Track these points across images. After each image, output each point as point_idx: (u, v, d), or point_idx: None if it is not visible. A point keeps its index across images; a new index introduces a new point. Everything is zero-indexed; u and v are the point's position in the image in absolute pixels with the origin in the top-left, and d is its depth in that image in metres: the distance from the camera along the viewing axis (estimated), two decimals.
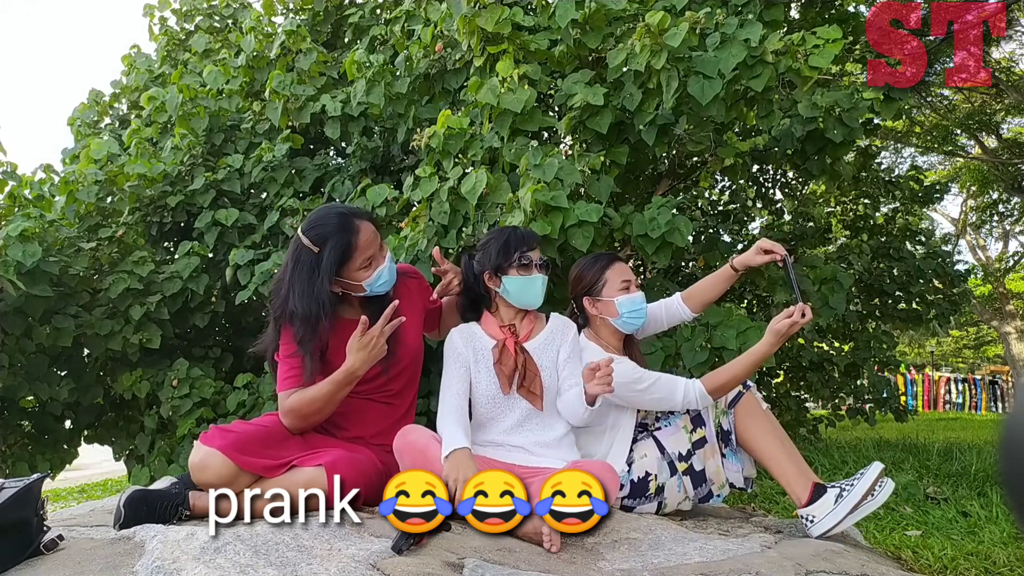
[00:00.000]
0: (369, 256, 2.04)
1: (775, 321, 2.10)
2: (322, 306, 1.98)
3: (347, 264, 2.02)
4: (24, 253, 4.10)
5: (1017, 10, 7.75)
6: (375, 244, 2.06)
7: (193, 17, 6.60)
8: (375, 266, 2.06)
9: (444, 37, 4.07)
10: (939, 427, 9.39)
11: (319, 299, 1.98)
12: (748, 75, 3.15)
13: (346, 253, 2.01)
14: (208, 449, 1.83)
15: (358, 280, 2.05)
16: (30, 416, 4.97)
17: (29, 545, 1.64)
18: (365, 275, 2.05)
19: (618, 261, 2.36)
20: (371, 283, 2.06)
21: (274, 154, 4.76)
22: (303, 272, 2.00)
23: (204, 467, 1.82)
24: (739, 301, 6.42)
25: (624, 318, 2.27)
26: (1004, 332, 14.74)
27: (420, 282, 2.31)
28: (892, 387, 6.75)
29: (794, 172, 6.07)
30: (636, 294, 2.28)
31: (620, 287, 2.27)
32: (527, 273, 2.14)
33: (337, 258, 1.99)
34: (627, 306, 2.26)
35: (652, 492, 2.20)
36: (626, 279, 2.28)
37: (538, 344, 2.17)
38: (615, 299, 2.27)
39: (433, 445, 1.90)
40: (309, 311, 1.98)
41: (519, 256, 2.14)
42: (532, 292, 2.15)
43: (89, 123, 6.30)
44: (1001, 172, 12.11)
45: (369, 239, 2.05)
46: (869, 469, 2.00)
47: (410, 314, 2.14)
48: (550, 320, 2.24)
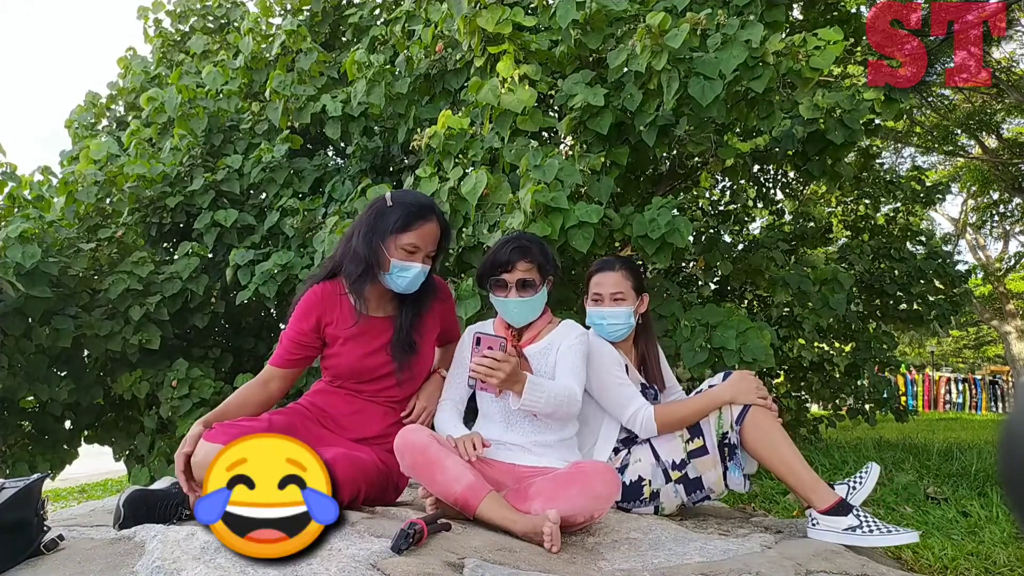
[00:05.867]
0: (418, 245, 2.07)
1: (749, 377, 2.15)
2: (374, 251, 2.05)
3: (401, 233, 2.06)
4: (23, 254, 4.10)
5: (1017, 10, 7.75)
6: (430, 243, 2.10)
7: (187, 18, 6.62)
8: (414, 259, 2.08)
9: (445, 37, 4.07)
10: (939, 427, 9.39)
11: (375, 243, 2.06)
12: (749, 76, 3.15)
13: (407, 222, 2.06)
14: (212, 445, 1.81)
15: (394, 256, 2.07)
16: (30, 416, 4.98)
17: (29, 545, 1.64)
18: (401, 257, 2.06)
19: (604, 272, 2.40)
20: (399, 267, 2.07)
21: (273, 155, 4.76)
22: (371, 216, 2.10)
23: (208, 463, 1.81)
24: (739, 301, 6.42)
25: (592, 327, 2.37)
26: (1004, 332, 14.73)
27: (445, 303, 2.32)
28: (892, 387, 6.76)
29: (795, 173, 6.07)
30: (603, 308, 2.34)
31: (592, 298, 2.38)
32: (500, 295, 2.16)
33: (400, 219, 2.06)
34: (592, 318, 2.37)
35: (647, 497, 2.21)
36: (597, 292, 2.36)
37: (540, 348, 2.17)
38: (588, 308, 2.40)
39: (434, 446, 1.90)
40: (365, 248, 2.05)
41: (492, 279, 2.16)
42: (507, 312, 2.17)
43: (86, 125, 6.31)
44: (1001, 172, 12.11)
45: (430, 233, 2.10)
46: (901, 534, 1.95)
47: (430, 329, 2.22)
48: (560, 325, 2.25)
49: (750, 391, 2.12)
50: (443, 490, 1.85)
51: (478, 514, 1.81)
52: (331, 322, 2.13)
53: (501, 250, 2.17)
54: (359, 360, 2.12)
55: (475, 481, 1.84)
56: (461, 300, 3.36)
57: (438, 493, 1.87)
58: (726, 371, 2.25)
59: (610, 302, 2.33)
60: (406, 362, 2.12)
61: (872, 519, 1.95)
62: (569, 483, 1.85)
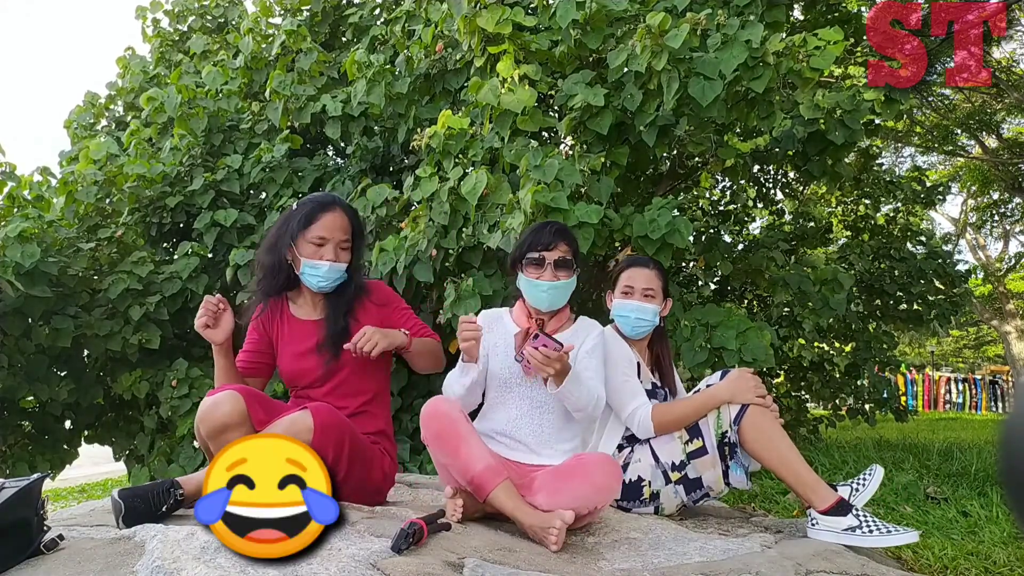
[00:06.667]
0: (324, 236, 2.11)
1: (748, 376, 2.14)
2: (280, 256, 2.14)
3: (305, 231, 2.12)
4: (23, 254, 4.10)
5: (1017, 10, 7.75)
6: (337, 233, 2.13)
7: (185, 18, 6.62)
8: (323, 252, 2.11)
9: (445, 37, 4.07)
10: (939, 427, 9.39)
11: (279, 248, 2.14)
12: (749, 76, 3.15)
13: (310, 216, 2.12)
14: (219, 393, 1.87)
15: (303, 254, 2.12)
16: (30, 416, 4.97)
17: (29, 545, 1.64)
18: (310, 253, 2.11)
19: (637, 267, 2.42)
20: (309, 264, 2.11)
21: (273, 154, 4.76)
22: (279, 225, 2.18)
23: (217, 404, 1.84)
24: (739, 301, 6.42)
25: (616, 319, 2.39)
26: (1004, 332, 14.74)
27: (383, 307, 2.29)
28: (892, 387, 6.75)
29: (795, 173, 6.08)
30: (630, 302, 2.36)
31: (622, 290, 2.39)
32: (533, 275, 2.13)
33: (303, 216, 2.13)
34: (617, 309, 2.39)
35: (647, 497, 2.21)
36: (628, 285, 2.38)
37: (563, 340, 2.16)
38: (614, 299, 2.41)
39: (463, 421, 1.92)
40: (271, 258, 2.14)
41: (529, 256, 2.13)
42: (537, 295, 2.14)
43: (85, 125, 6.31)
44: (1001, 172, 12.11)
45: (335, 223, 2.13)
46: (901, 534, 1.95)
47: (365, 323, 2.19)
48: (577, 321, 2.24)
49: (748, 390, 2.12)
50: (462, 466, 1.85)
51: (491, 498, 1.81)
52: (273, 329, 2.22)
53: (542, 231, 2.18)
54: (292, 361, 2.17)
55: (495, 465, 1.85)
56: (461, 300, 3.36)
57: (455, 468, 1.87)
58: (724, 370, 2.25)
59: (640, 297, 2.36)
60: (335, 360, 2.12)
61: (872, 519, 1.95)
62: (571, 475, 1.86)
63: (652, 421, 2.19)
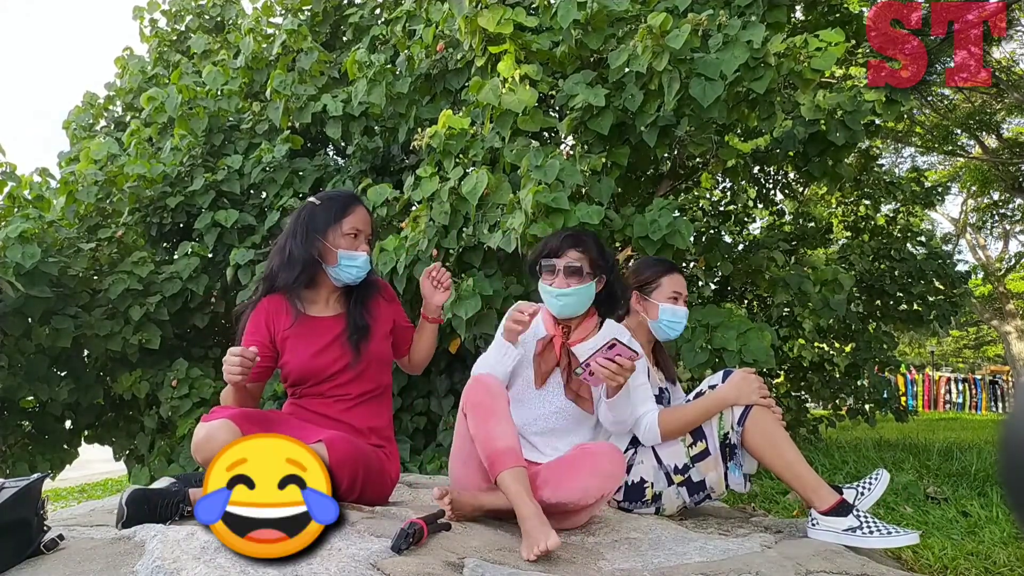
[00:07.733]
0: (359, 228, 2.14)
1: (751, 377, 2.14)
2: (317, 249, 2.11)
3: (337, 224, 2.12)
4: (23, 254, 4.10)
5: (1017, 10, 7.75)
6: (366, 228, 2.17)
7: (183, 18, 6.62)
8: (358, 244, 2.13)
9: (445, 37, 4.07)
10: (939, 427, 9.39)
11: (315, 241, 2.11)
12: (750, 77, 3.15)
13: (341, 213, 2.14)
14: (212, 422, 1.81)
15: (338, 246, 2.11)
16: (30, 416, 4.98)
17: (29, 545, 1.64)
18: (347, 244, 2.11)
19: (678, 272, 2.43)
20: (347, 256, 2.11)
21: (274, 154, 4.76)
22: (304, 219, 2.15)
23: (210, 438, 1.77)
24: (740, 302, 6.43)
25: (662, 324, 2.36)
26: (1004, 332, 14.73)
27: (392, 303, 2.31)
28: (892, 387, 6.75)
29: (795, 173, 6.08)
30: (681, 308, 2.37)
31: (670, 296, 2.38)
32: (547, 282, 2.14)
33: (336, 209, 2.14)
34: (668, 314, 2.36)
35: (649, 499, 2.21)
36: (677, 291, 2.38)
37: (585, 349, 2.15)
38: (661, 304, 2.37)
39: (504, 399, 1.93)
40: (300, 252, 2.11)
41: (543, 261, 2.15)
42: (549, 302, 2.14)
43: (85, 126, 6.31)
44: (1001, 172, 12.11)
45: (363, 218, 2.17)
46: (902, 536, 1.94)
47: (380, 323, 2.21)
48: (603, 326, 2.23)
49: (752, 391, 2.12)
50: (486, 437, 1.86)
51: (500, 479, 1.80)
52: (279, 329, 2.16)
53: (555, 237, 2.20)
54: (310, 360, 2.12)
55: (516, 449, 1.85)
56: (461, 300, 3.36)
57: (479, 438, 1.88)
58: (726, 370, 2.25)
59: (683, 303, 2.39)
60: (363, 348, 2.11)
61: (873, 520, 1.95)
62: (576, 465, 1.87)
63: (659, 428, 2.17)
